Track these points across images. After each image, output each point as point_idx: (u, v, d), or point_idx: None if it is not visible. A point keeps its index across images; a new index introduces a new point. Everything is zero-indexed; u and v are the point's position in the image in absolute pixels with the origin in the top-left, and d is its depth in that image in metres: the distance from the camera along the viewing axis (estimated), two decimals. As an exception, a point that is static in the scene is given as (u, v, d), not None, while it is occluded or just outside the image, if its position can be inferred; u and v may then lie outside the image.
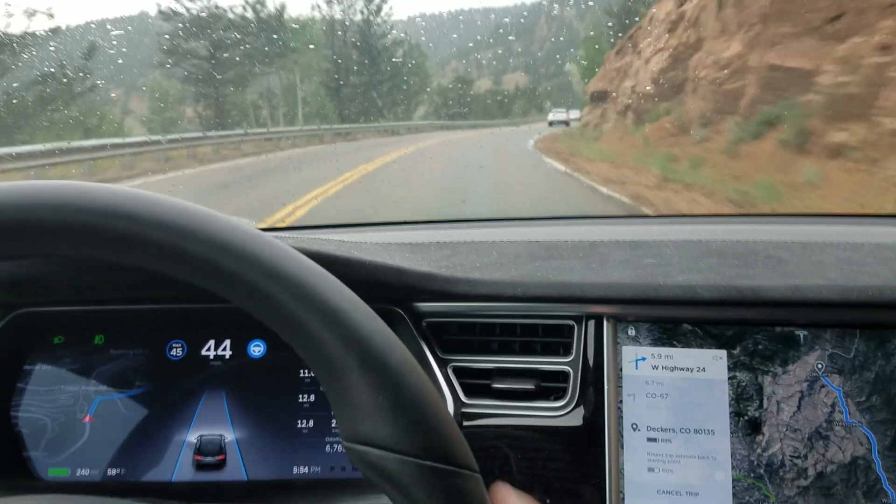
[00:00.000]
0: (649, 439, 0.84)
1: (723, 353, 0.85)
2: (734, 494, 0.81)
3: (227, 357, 0.94)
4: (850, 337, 0.83)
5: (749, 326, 0.85)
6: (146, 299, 0.95)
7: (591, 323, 0.89)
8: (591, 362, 0.88)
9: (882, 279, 0.85)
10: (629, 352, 0.87)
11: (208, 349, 0.95)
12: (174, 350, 0.95)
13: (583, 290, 0.90)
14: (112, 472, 0.91)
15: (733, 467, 0.82)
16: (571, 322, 0.91)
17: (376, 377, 0.45)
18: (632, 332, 0.88)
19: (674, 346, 0.86)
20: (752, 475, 0.82)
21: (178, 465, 0.90)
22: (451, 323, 0.93)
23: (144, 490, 0.90)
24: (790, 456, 0.82)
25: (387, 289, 0.90)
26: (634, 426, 0.85)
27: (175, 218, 0.44)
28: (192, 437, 0.91)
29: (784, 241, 1.02)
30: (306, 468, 0.90)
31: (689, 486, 0.82)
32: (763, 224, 1.26)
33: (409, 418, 0.45)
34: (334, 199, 7.64)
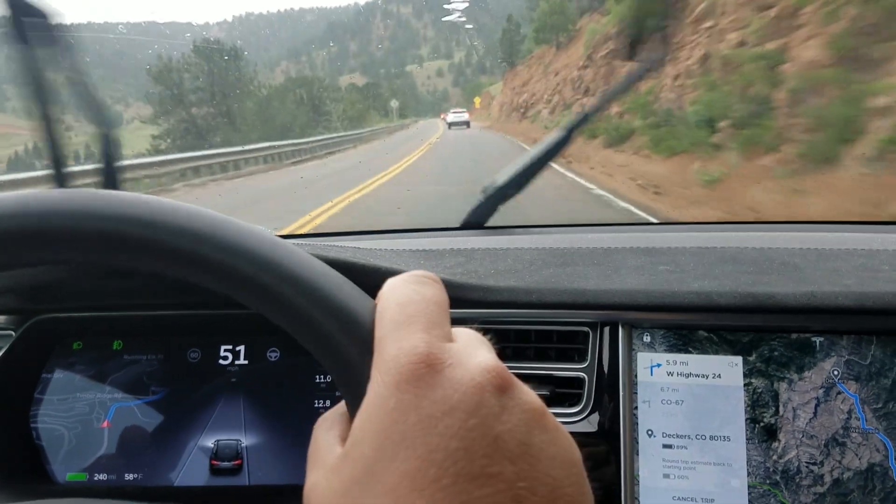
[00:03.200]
0: (665, 446, 0.84)
1: (738, 359, 0.85)
2: (750, 501, 0.81)
3: (244, 363, 0.95)
4: (866, 343, 0.83)
5: (765, 333, 0.85)
6: (164, 305, 0.96)
7: (606, 329, 0.90)
8: (605, 369, 0.88)
9: None
10: (644, 358, 0.87)
11: (225, 355, 0.95)
12: (192, 355, 0.96)
13: (597, 297, 0.90)
14: (129, 476, 0.92)
15: (749, 474, 0.82)
16: (586, 328, 0.91)
17: None
18: (647, 338, 0.88)
19: (689, 352, 0.86)
20: (767, 482, 0.82)
21: (195, 470, 0.91)
22: None
23: (161, 495, 0.91)
24: (806, 463, 0.81)
25: None
26: (650, 432, 0.85)
27: (189, 223, 0.45)
28: (209, 442, 0.92)
29: (799, 247, 1.02)
30: None
31: (705, 493, 0.82)
32: (778, 231, 1.25)
33: None
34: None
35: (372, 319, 0.44)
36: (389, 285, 0.45)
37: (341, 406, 0.47)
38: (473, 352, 0.40)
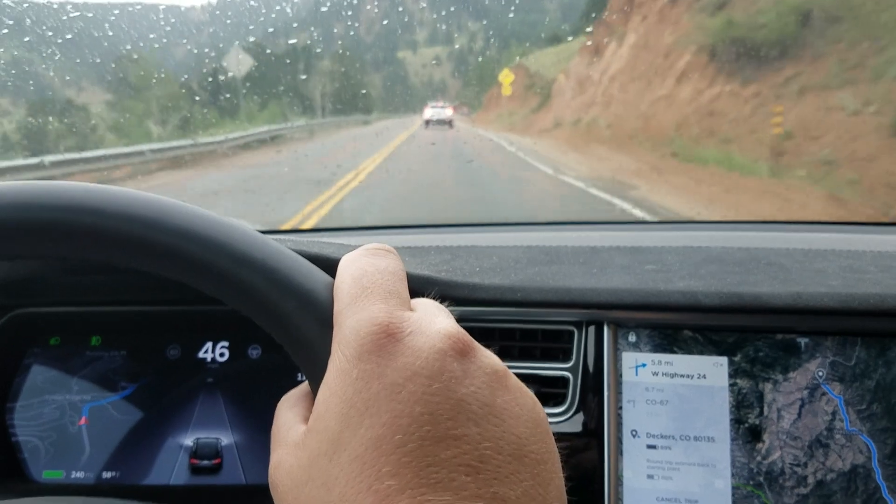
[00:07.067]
0: (649, 446, 0.84)
1: (723, 359, 0.84)
2: (733, 502, 0.81)
3: (225, 360, 0.94)
4: (851, 345, 0.83)
5: (750, 333, 0.85)
6: (144, 300, 0.94)
7: (592, 328, 0.89)
8: (590, 368, 0.88)
9: (883, 287, 0.85)
10: (629, 358, 0.87)
11: (205, 352, 0.94)
12: (171, 352, 0.94)
13: (583, 296, 0.89)
14: (107, 474, 0.90)
15: (733, 475, 0.82)
16: (571, 327, 0.90)
17: None
18: (632, 338, 0.87)
19: (674, 352, 0.86)
20: (751, 483, 0.81)
21: (174, 469, 0.90)
22: None
23: (140, 493, 0.89)
24: (790, 464, 0.81)
25: None
26: (634, 433, 0.84)
27: (142, 209, 0.43)
28: (189, 441, 0.91)
29: (785, 248, 1.02)
30: None
31: (689, 494, 0.82)
32: (764, 231, 1.25)
33: None
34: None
35: (330, 295, 0.43)
36: (345, 260, 0.46)
37: (304, 386, 0.46)
38: (433, 319, 0.41)
